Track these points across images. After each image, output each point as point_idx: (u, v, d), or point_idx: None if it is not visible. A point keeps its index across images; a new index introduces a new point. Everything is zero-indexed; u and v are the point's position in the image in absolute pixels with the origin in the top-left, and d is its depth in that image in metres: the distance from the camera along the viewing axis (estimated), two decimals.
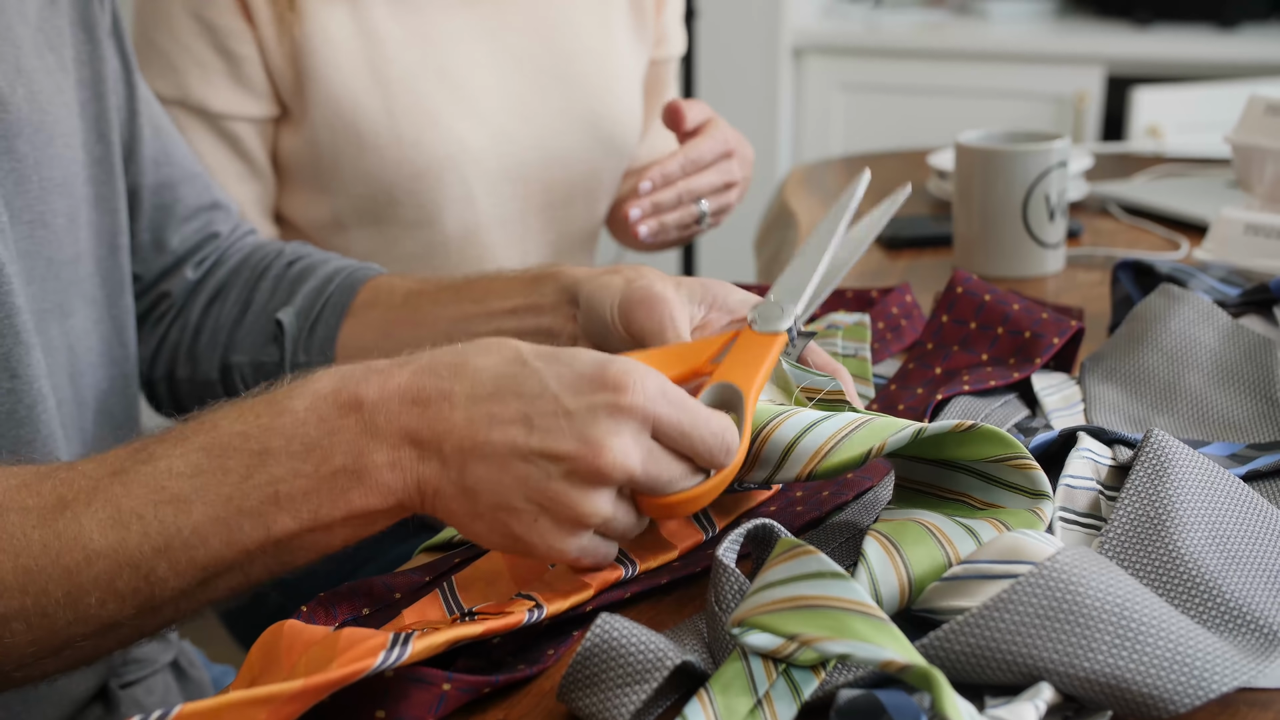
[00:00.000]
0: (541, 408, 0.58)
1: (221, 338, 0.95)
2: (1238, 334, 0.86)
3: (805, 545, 0.56)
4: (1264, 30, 2.78)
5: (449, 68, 1.13)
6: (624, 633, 0.54)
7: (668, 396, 0.60)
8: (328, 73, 1.08)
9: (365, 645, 0.52)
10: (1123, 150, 1.76)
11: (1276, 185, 1.05)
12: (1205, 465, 0.65)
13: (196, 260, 0.96)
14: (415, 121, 1.11)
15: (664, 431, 0.60)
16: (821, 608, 0.53)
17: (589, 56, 1.21)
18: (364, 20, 1.09)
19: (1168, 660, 0.53)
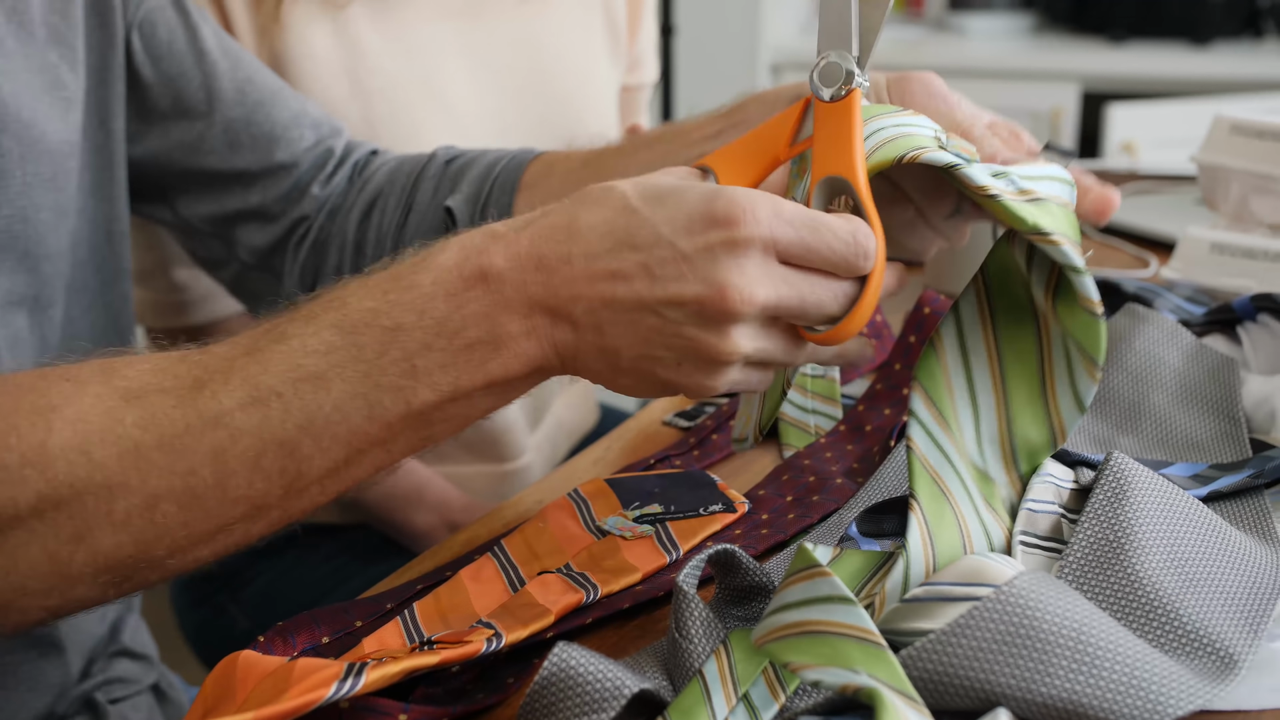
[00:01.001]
0: (659, 255, 0.58)
1: (387, 244, 0.94)
2: (1201, 354, 0.86)
3: (820, 566, 0.56)
4: (1236, 47, 2.80)
5: (429, 79, 1.13)
6: (581, 662, 0.54)
7: (783, 216, 0.58)
8: (307, 83, 1.08)
9: (318, 676, 0.52)
10: (1098, 167, 1.77)
11: (1241, 204, 1.05)
12: (1164, 488, 0.65)
13: (323, 178, 0.96)
14: (395, 132, 1.11)
15: (790, 253, 0.58)
16: (823, 634, 0.54)
17: (570, 74, 1.21)
18: (346, 31, 1.09)
19: (1124, 684, 0.53)
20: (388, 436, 0.60)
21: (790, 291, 0.58)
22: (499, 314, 0.59)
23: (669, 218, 0.58)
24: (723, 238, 0.57)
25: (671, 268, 0.57)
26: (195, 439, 0.58)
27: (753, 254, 0.57)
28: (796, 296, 0.58)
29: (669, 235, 0.58)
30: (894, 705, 0.49)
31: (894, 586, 0.59)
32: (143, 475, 0.58)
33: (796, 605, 0.55)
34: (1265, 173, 1.02)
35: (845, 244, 0.59)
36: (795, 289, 0.58)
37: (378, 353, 0.59)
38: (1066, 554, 0.63)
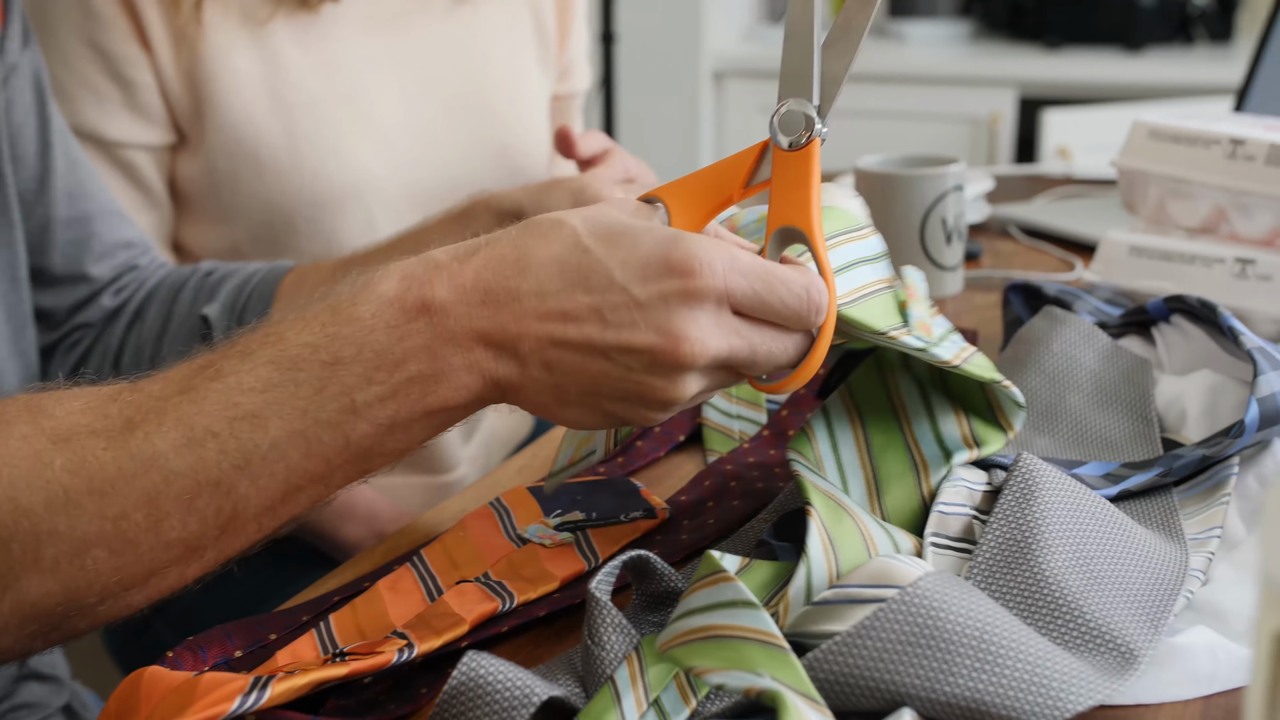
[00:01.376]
0: (612, 300, 0.58)
1: (146, 352, 0.94)
2: (1116, 355, 0.87)
3: (724, 571, 0.57)
4: (1169, 53, 2.84)
5: (354, 94, 1.12)
6: (490, 670, 0.54)
7: (738, 268, 0.58)
8: (227, 99, 1.07)
9: (223, 690, 0.52)
10: (1034, 172, 1.80)
11: (1159, 208, 1.07)
12: (1072, 488, 0.66)
13: (115, 289, 0.96)
14: (317, 148, 1.10)
15: (743, 305, 0.59)
16: (727, 638, 0.54)
17: (499, 86, 1.21)
18: (266, 46, 1.09)
19: (1025, 682, 0.54)
20: (326, 471, 0.59)
21: (742, 343, 0.59)
22: (441, 347, 0.58)
23: (623, 261, 0.58)
24: (678, 288, 0.57)
25: (625, 314, 0.57)
26: (127, 483, 0.57)
27: (707, 305, 0.58)
28: (748, 348, 0.59)
29: (623, 280, 0.58)
30: (796, 707, 0.50)
31: (797, 593, 0.60)
32: (72, 521, 0.56)
33: (701, 610, 0.56)
34: (1181, 177, 1.04)
35: (798, 299, 0.59)
36: (747, 340, 0.59)
37: (316, 389, 0.58)
38: (975, 554, 0.64)
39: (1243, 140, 1.00)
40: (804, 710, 0.50)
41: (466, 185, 1.18)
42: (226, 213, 1.11)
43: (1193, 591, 0.65)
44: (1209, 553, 0.68)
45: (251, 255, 1.13)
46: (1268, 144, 0.98)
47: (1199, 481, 0.75)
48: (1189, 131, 1.04)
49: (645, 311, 0.57)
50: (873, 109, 2.86)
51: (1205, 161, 1.02)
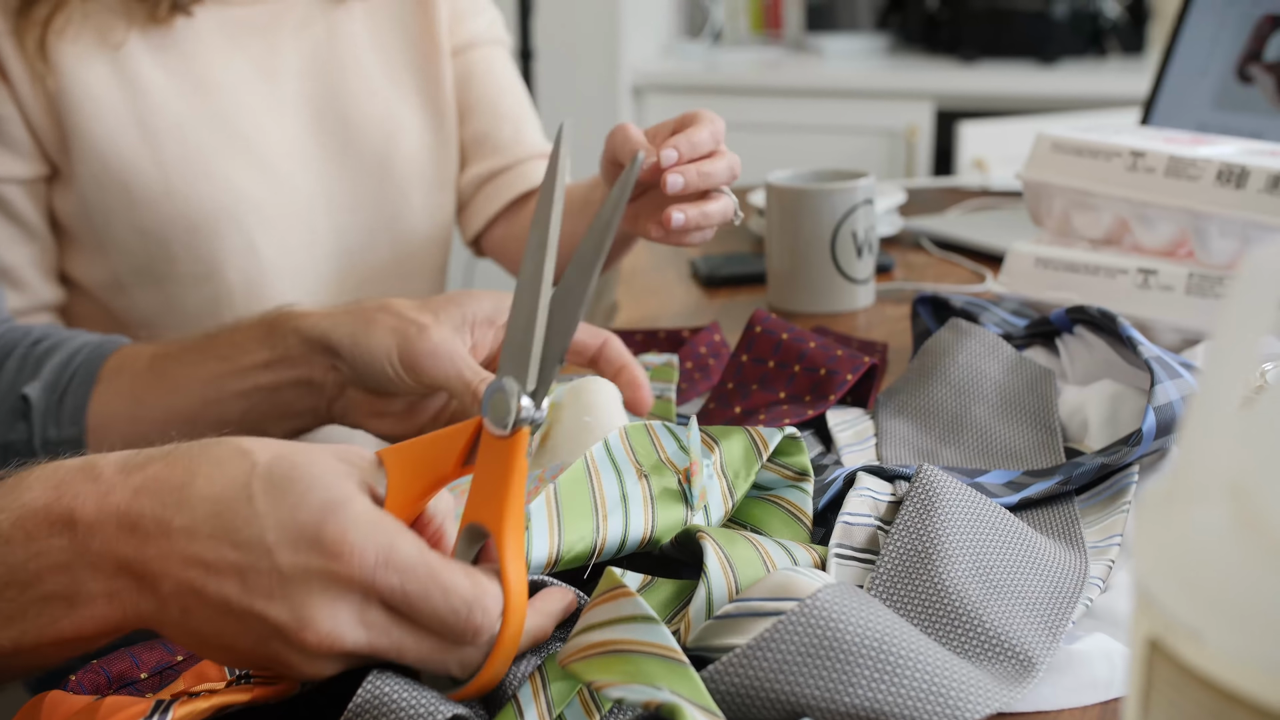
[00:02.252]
0: (255, 562, 0.52)
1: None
2: (1020, 366, 0.89)
3: (624, 587, 0.57)
4: (1082, 66, 2.89)
5: (223, 115, 1.10)
6: (394, 690, 0.54)
7: (393, 564, 0.52)
8: (91, 127, 1.05)
9: (125, 713, 0.51)
10: (950, 184, 1.82)
11: (1064, 220, 1.09)
12: (971, 498, 0.67)
13: None
14: (187, 172, 1.08)
15: (393, 604, 0.53)
16: (626, 653, 0.54)
17: (367, 96, 1.18)
18: (125, 71, 1.06)
19: (923, 692, 0.54)
20: None
21: (387, 643, 0.53)
22: (81, 569, 0.53)
23: (279, 522, 0.53)
24: (321, 567, 0.52)
25: (264, 581, 0.52)
26: None
27: (350, 595, 0.52)
28: (394, 650, 0.54)
29: (272, 543, 0.52)
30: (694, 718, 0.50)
31: (698, 612, 0.60)
32: None
33: (601, 625, 0.56)
34: (1085, 189, 1.05)
35: (454, 614, 0.53)
36: (394, 642, 0.53)
37: None
38: (877, 565, 0.64)
39: (1143, 153, 1.02)
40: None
41: (346, 201, 1.17)
42: (103, 243, 1.09)
43: (1092, 599, 0.65)
44: (1109, 560, 0.69)
45: (133, 285, 1.10)
46: (1167, 156, 1.00)
47: (1100, 490, 0.76)
48: (1091, 144, 1.06)
49: (285, 585, 0.52)
50: (791, 123, 2.89)
51: (1107, 173, 1.04)
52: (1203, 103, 1.40)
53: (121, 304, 1.12)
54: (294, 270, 1.14)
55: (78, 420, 0.87)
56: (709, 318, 1.23)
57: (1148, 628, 0.35)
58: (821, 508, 0.72)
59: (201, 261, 1.10)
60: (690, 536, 0.65)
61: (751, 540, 0.64)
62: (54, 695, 0.55)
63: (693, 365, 1.03)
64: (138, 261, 1.09)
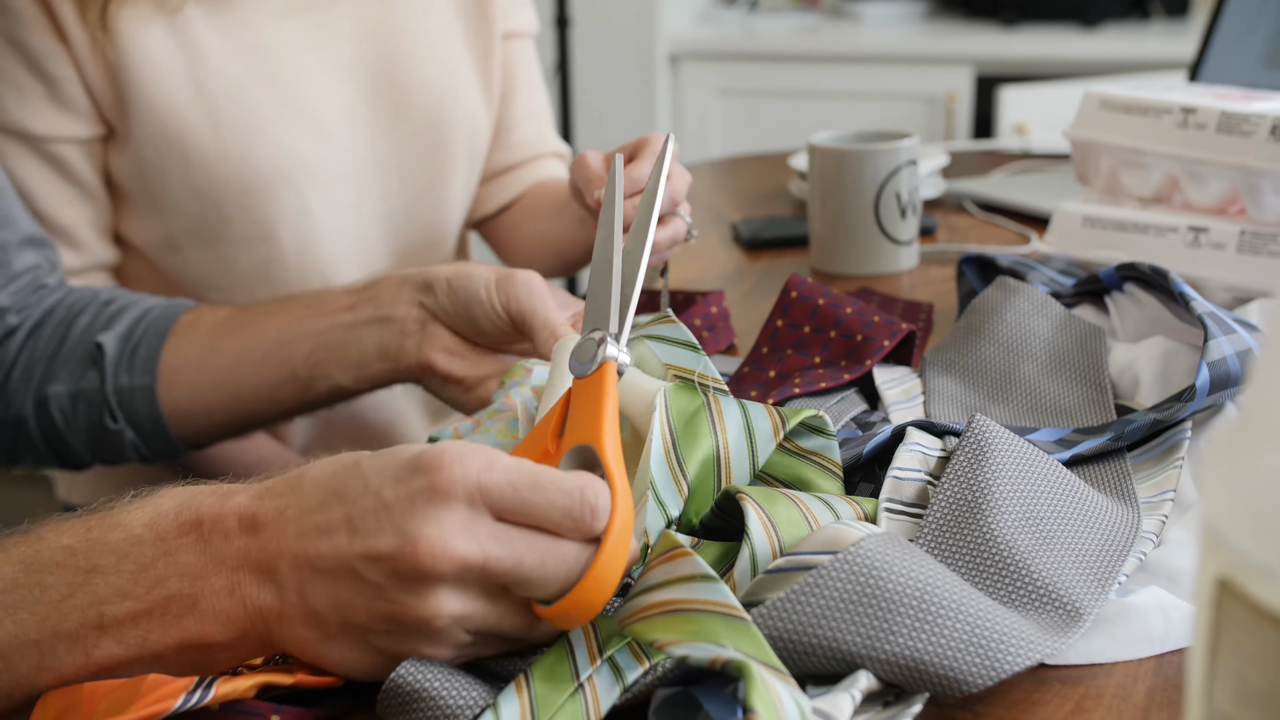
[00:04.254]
0: (362, 506, 0.52)
1: (37, 371, 0.93)
2: (1070, 323, 0.88)
3: (683, 546, 0.57)
4: (1124, 29, 2.85)
5: (277, 78, 1.11)
6: (427, 676, 0.54)
7: (497, 466, 0.52)
8: (148, 89, 1.06)
9: (167, 688, 0.51)
10: (991, 147, 1.80)
11: (1111, 178, 1.07)
12: (1023, 449, 0.66)
13: (18, 309, 0.95)
14: (242, 134, 1.09)
15: (504, 506, 0.52)
16: (687, 611, 0.54)
17: (424, 61, 1.19)
18: (183, 34, 1.07)
19: (963, 642, 0.54)
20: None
21: (502, 550, 0.51)
22: (205, 566, 0.53)
23: (381, 467, 0.53)
24: (423, 484, 0.51)
25: (372, 519, 0.52)
26: None
27: (455, 505, 0.51)
28: (511, 556, 0.51)
29: (376, 485, 0.52)
30: (762, 678, 0.49)
31: (742, 573, 0.60)
32: None
33: (661, 585, 0.56)
34: (1133, 146, 1.04)
35: (569, 497, 0.52)
36: (509, 548, 0.52)
37: (63, 595, 0.53)
38: (927, 514, 0.64)
39: (1194, 109, 1.00)
40: (770, 680, 0.50)
41: (395, 164, 1.18)
42: (158, 204, 1.10)
43: (1145, 553, 0.65)
44: (1162, 515, 0.68)
45: (187, 245, 1.12)
46: (1219, 112, 0.98)
47: (1152, 446, 0.75)
48: (1140, 101, 1.04)
49: (391, 514, 0.51)
50: (828, 89, 2.87)
51: (1157, 131, 1.02)
52: (1252, 62, 1.38)
53: (175, 264, 1.13)
54: (344, 231, 1.16)
55: (150, 369, 0.88)
56: (751, 281, 1.22)
57: (1216, 568, 0.34)
58: (867, 458, 0.72)
59: (255, 222, 1.11)
60: (730, 499, 0.64)
61: (792, 498, 0.64)
62: None
63: (701, 324, 1.03)
64: (192, 222, 1.10)
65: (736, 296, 1.18)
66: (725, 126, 2.94)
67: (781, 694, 0.50)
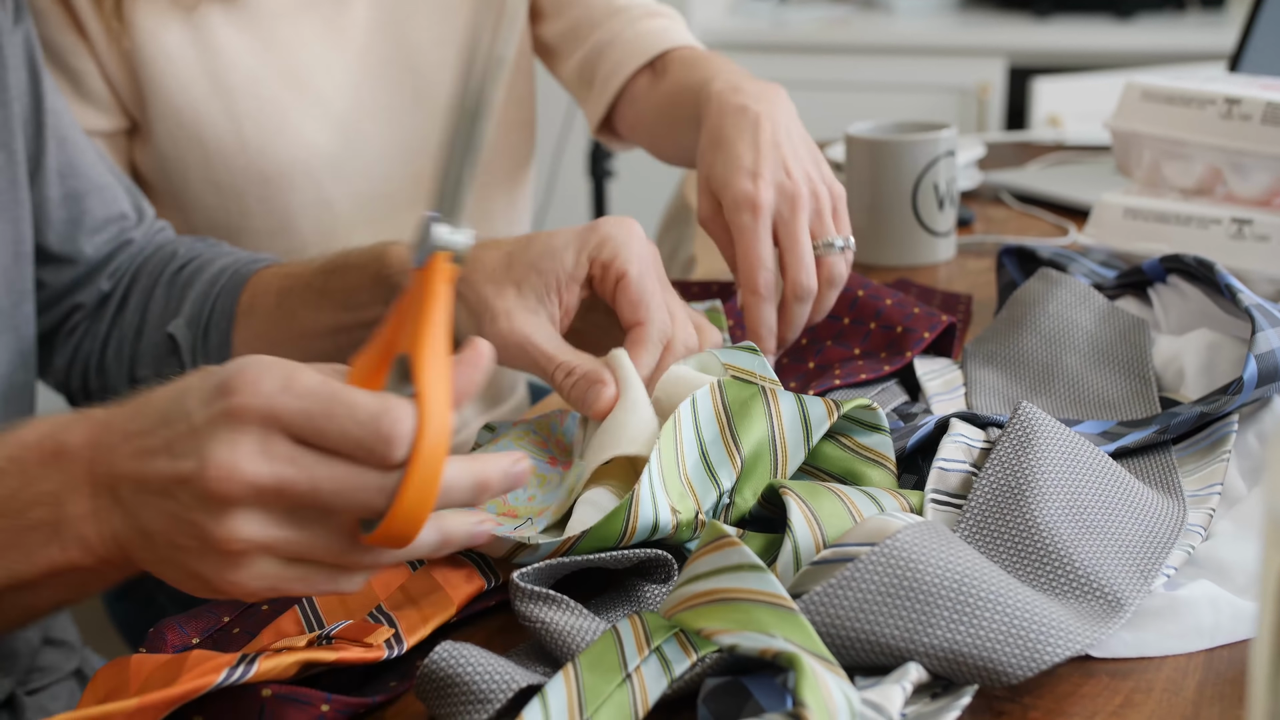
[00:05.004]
0: (178, 429, 0.52)
1: (126, 351, 0.93)
2: (1113, 315, 0.87)
3: (730, 537, 0.56)
4: (1159, 20, 2.83)
5: (293, 71, 1.11)
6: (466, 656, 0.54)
7: (293, 389, 0.50)
8: (166, 84, 1.06)
9: (210, 664, 0.51)
10: (1025, 139, 1.79)
11: (1153, 170, 1.07)
12: (1069, 438, 0.66)
13: (110, 270, 0.95)
14: (261, 127, 1.09)
15: (298, 429, 0.50)
16: (735, 601, 0.54)
17: (436, 47, 1.18)
18: (200, 29, 1.07)
19: (1003, 633, 0.54)
20: None
21: (296, 473, 0.50)
22: (66, 493, 0.54)
23: (199, 387, 0.52)
24: (222, 408, 0.51)
25: (183, 442, 0.51)
26: None
27: (249, 428, 0.50)
28: (307, 480, 0.50)
29: (191, 406, 0.52)
30: (813, 670, 0.49)
31: (785, 566, 0.60)
32: None
33: (707, 575, 0.55)
34: (1175, 138, 1.03)
35: (361, 426, 0.50)
36: (306, 472, 0.50)
37: None
38: (969, 500, 0.64)
39: (1238, 99, 0.99)
40: (820, 672, 0.50)
41: (420, 150, 1.17)
42: (180, 199, 1.10)
43: (1193, 546, 0.64)
44: (1209, 509, 0.68)
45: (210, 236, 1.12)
46: (1264, 102, 0.98)
47: (1199, 439, 0.75)
48: (1183, 92, 1.04)
49: (196, 437, 0.51)
50: (859, 81, 2.85)
51: (1200, 122, 1.01)
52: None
53: None
54: (369, 221, 1.15)
55: (224, 355, 0.88)
56: None
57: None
58: (910, 450, 0.72)
59: (275, 215, 1.11)
60: (774, 492, 0.64)
61: (837, 492, 0.64)
62: (138, 658, 0.56)
63: (735, 323, 1.02)
64: (213, 216, 1.11)
65: None
66: None
67: (831, 686, 0.50)
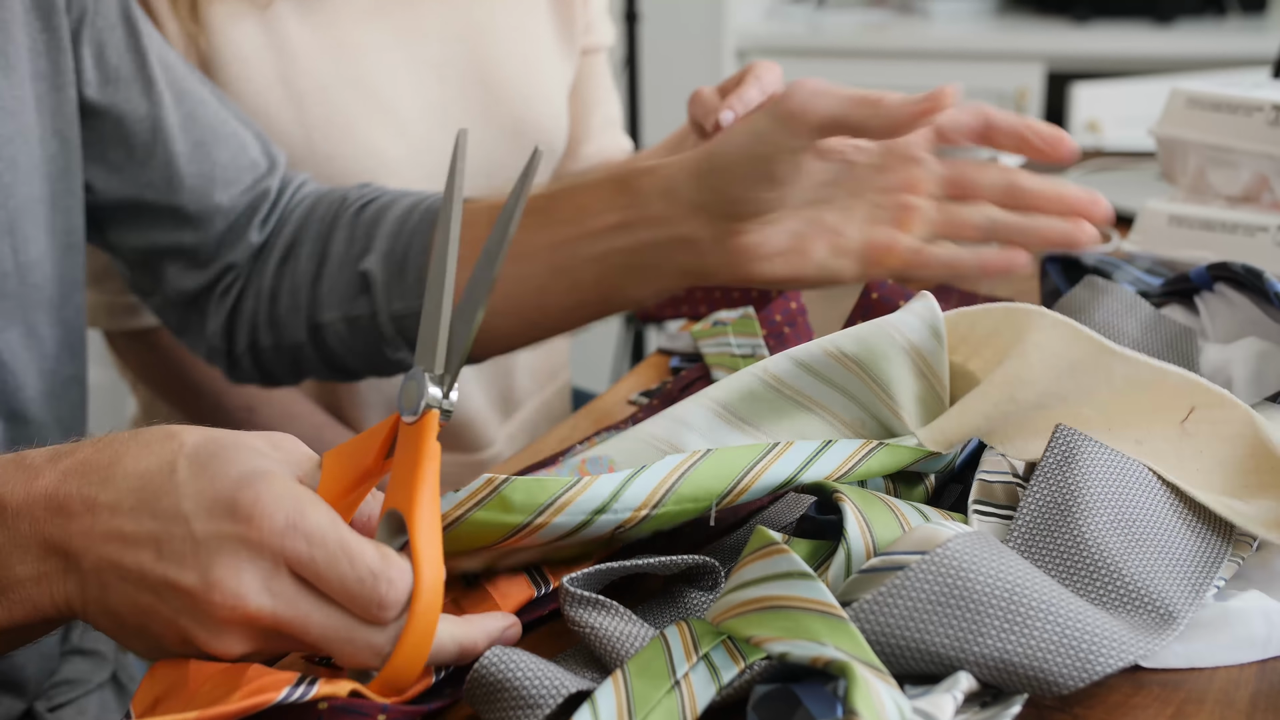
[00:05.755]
0: (171, 531, 0.53)
1: (302, 298, 0.92)
2: (1160, 324, 0.87)
3: (778, 544, 0.56)
4: (1199, 25, 2.81)
5: (365, 78, 1.11)
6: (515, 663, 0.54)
7: (301, 528, 0.52)
8: (239, 86, 1.06)
9: (270, 679, 0.51)
10: None
11: (1199, 177, 1.06)
12: (1111, 453, 0.66)
13: (258, 221, 0.93)
14: (330, 134, 1.09)
15: (303, 572, 0.52)
16: (784, 608, 0.54)
17: (510, 62, 1.19)
18: (275, 33, 1.08)
19: (1054, 642, 0.54)
20: None
21: (293, 613, 0.52)
22: (10, 554, 0.54)
23: (197, 492, 0.53)
24: (235, 532, 0.52)
25: (178, 548, 0.52)
26: None
27: (259, 561, 0.52)
28: (300, 621, 0.52)
29: (188, 512, 0.53)
30: (864, 678, 0.49)
31: (836, 574, 0.60)
32: None
33: (755, 582, 0.55)
34: (1222, 144, 1.03)
35: (358, 584, 0.52)
36: (300, 613, 0.52)
37: None
38: (1016, 518, 0.63)
39: None
40: (872, 681, 0.50)
41: (483, 164, 1.18)
42: None
43: (1244, 558, 0.64)
44: None
45: None
46: None
47: None
48: (1229, 98, 1.03)
49: (197, 551, 0.52)
50: (897, 86, 2.83)
51: (1246, 129, 1.01)
52: None
53: None
54: None
55: (422, 292, 0.85)
56: None
57: None
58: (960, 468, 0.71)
59: None
60: (828, 496, 0.64)
61: (888, 504, 0.64)
62: (195, 661, 0.56)
63: (768, 333, 1.01)
64: None
65: (816, 294, 1.17)
66: None
67: (883, 695, 0.50)
